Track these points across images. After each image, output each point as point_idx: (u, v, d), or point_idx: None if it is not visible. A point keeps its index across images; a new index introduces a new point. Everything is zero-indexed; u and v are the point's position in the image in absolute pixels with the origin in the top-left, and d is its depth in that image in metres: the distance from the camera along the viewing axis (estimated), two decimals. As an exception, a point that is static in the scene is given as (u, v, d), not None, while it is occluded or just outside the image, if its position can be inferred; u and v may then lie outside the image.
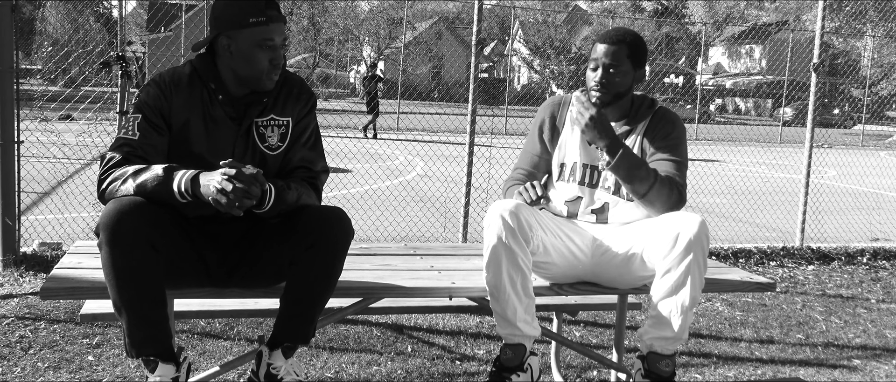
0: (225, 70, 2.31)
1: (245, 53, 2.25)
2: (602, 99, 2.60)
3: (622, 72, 2.58)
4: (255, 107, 2.34)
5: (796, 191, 6.92)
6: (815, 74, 6.54)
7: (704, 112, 30.23)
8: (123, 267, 2.07)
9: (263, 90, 2.32)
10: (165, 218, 2.18)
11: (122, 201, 2.09)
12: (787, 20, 35.33)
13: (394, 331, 3.99)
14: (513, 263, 2.38)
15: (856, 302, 5.14)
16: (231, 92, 2.32)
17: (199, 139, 2.30)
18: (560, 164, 2.73)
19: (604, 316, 4.41)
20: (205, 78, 2.31)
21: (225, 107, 2.32)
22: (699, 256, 2.36)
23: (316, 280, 2.25)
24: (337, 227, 2.24)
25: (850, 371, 3.78)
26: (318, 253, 2.22)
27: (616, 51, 2.57)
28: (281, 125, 2.38)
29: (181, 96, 2.29)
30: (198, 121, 2.30)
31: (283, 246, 2.29)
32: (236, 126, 2.33)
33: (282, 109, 2.39)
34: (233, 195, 2.04)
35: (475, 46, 5.52)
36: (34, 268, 4.90)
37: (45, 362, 3.36)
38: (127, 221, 2.05)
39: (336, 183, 9.51)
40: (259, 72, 2.27)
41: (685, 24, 41.79)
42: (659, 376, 2.46)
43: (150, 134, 2.25)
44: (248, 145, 2.34)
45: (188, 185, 2.09)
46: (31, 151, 6.51)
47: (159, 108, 2.27)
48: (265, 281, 2.39)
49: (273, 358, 2.31)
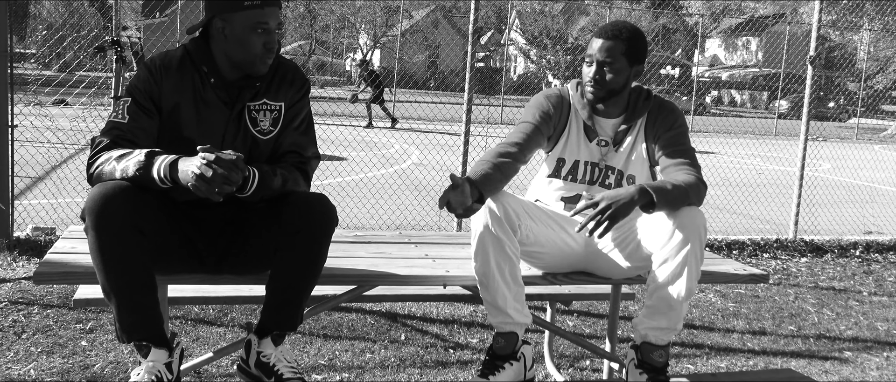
0: (219, 53, 2.30)
1: (239, 37, 2.24)
2: (596, 95, 2.57)
3: (617, 69, 2.53)
4: (247, 91, 2.33)
5: (790, 183, 6.94)
6: (811, 67, 6.55)
7: (700, 104, 30.25)
8: (110, 252, 2.06)
9: (257, 74, 2.31)
10: (152, 203, 2.16)
11: (106, 185, 2.08)
12: (784, 13, 35.31)
13: (388, 319, 4.00)
14: (500, 251, 2.37)
15: (848, 294, 5.17)
16: (224, 75, 2.31)
17: (189, 123, 2.29)
18: (559, 159, 2.70)
19: (597, 305, 4.43)
20: (197, 61, 2.30)
21: (217, 91, 2.31)
22: (697, 247, 2.36)
23: (300, 266, 2.25)
24: (320, 214, 2.23)
25: (841, 362, 3.80)
26: (302, 240, 2.21)
27: (611, 47, 2.52)
28: (273, 110, 2.38)
29: (172, 80, 2.28)
30: (188, 105, 2.29)
31: (268, 232, 2.28)
32: (228, 110, 2.32)
33: (275, 94, 2.38)
34: (212, 180, 2.02)
35: (472, 35, 5.51)
36: (27, 253, 4.89)
37: (38, 346, 3.36)
38: (111, 205, 2.04)
39: (331, 170, 9.49)
40: (253, 56, 2.26)
41: (682, 16, 41.75)
42: (652, 366, 2.46)
43: (140, 117, 2.24)
44: (239, 129, 2.33)
45: (167, 171, 2.08)
46: (25, 136, 6.49)
47: (149, 92, 2.26)
48: (254, 267, 2.39)
49: (262, 346, 2.30)
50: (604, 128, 2.65)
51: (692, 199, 2.42)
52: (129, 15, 28.19)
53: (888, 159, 16.57)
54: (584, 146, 2.66)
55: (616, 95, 2.59)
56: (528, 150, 2.58)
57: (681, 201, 2.38)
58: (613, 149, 2.65)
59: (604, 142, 2.65)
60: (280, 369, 2.27)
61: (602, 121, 2.65)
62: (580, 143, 2.66)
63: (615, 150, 2.65)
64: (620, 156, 2.64)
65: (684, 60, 41.48)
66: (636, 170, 2.64)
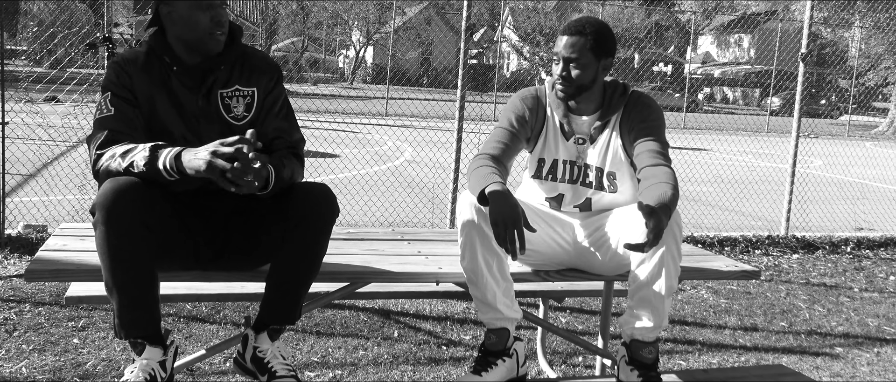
0: (174, 40, 2.33)
1: (185, 17, 2.27)
2: (565, 92, 2.56)
3: (583, 65, 2.51)
4: (211, 73, 2.35)
5: (782, 180, 6.97)
6: (802, 64, 6.57)
7: (692, 101, 30.31)
8: (118, 248, 2.06)
9: (212, 52, 2.32)
10: (159, 198, 2.18)
11: (118, 180, 2.09)
12: (776, 10, 35.40)
13: (380, 316, 4.00)
14: (487, 247, 2.38)
15: (839, 290, 5.19)
16: (185, 62, 2.34)
17: (167, 113, 2.32)
18: (539, 159, 2.69)
19: (590, 302, 4.44)
20: (159, 52, 2.34)
21: (182, 78, 2.33)
22: (672, 246, 2.36)
23: (300, 259, 2.26)
24: (324, 205, 2.25)
25: (832, 358, 3.83)
26: (303, 232, 2.22)
27: (576, 42, 2.50)
28: (246, 95, 2.40)
29: (141, 74, 2.32)
30: (162, 97, 2.32)
31: (272, 224, 2.29)
32: (194, 95, 2.34)
33: (247, 80, 2.41)
34: (231, 175, 2.04)
35: (465, 32, 5.51)
36: (19, 250, 4.87)
37: (29, 344, 3.35)
38: (123, 201, 2.05)
39: (324, 167, 9.48)
40: (202, 33, 2.28)
41: (675, 13, 41.83)
42: (642, 363, 2.47)
43: (123, 106, 2.27)
44: (212, 115, 2.34)
45: (173, 163, 2.10)
46: (16, 132, 6.47)
47: (124, 84, 2.30)
48: (253, 261, 2.39)
49: (259, 341, 2.31)
50: (579, 126, 2.63)
51: (677, 191, 2.43)
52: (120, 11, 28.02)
53: (879, 156, 16.64)
54: (561, 145, 2.65)
55: (586, 91, 2.56)
56: (510, 158, 2.60)
57: (675, 202, 2.38)
58: (590, 146, 2.64)
59: (581, 140, 2.63)
60: (274, 365, 2.28)
61: (577, 119, 2.63)
62: (557, 143, 2.65)
63: (592, 147, 2.63)
64: (597, 152, 2.62)
65: (677, 57, 41.56)
66: (616, 166, 2.62)
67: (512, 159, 2.61)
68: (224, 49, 2.35)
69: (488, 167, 2.44)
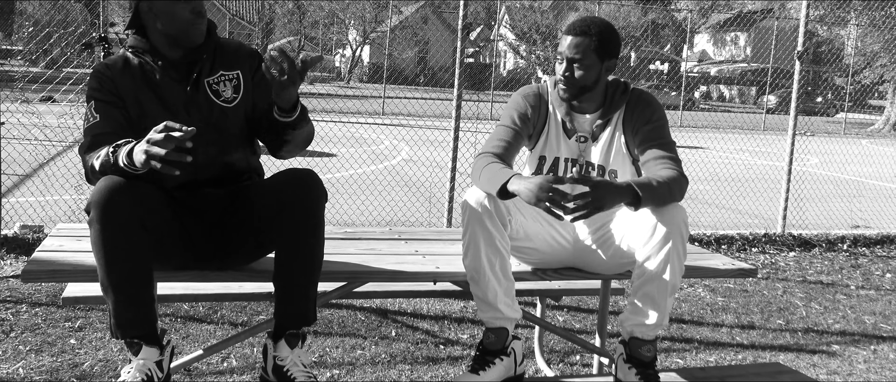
0: (156, 37, 2.34)
1: (166, 11, 2.28)
2: (568, 92, 2.56)
3: (587, 66, 2.50)
4: (196, 65, 2.36)
5: (779, 178, 6.98)
6: (798, 62, 6.58)
7: (689, 99, 30.33)
8: (113, 246, 2.06)
9: (195, 43, 2.34)
10: (155, 196, 2.18)
11: (112, 179, 2.09)
12: (772, 8, 35.43)
13: (378, 316, 4.00)
14: (491, 246, 2.38)
15: (836, 288, 5.20)
16: (168, 57, 2.35)
17: (152, 111, 2.32)
18: (540, 157, 2.69)
19: (587, 301, 4.44)
20: (140, 53, 2.35)
21: (168, 72, 2.34)
22: (678, 243, 2.36)
23: (298, 249, 2.24)
24: (311, 185, 2.26)
25: (829, 356, 3.83)
26: (294, 215, 2.22)
27: (580, 43, 2.49)
28: (232, 78, 2.42)
29: (122, 77, 2.33)
30: (148, 95, 2.33)
31: (263, 209, 2.29)
32: (182, 87, 2.34)
33: (229, 65, 2.43)
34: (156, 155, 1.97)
35: (461, 31, 5.51)
36: (15, 251, 4.86)
37: (26, 345, 3.34)
38: (117, 199, 2.05)
39: (321, 167, 9.48)
40: (185, 24, 2.29)
41: (671, 11, 41.85)
42: (640, 361, 2.47)
43: (108, 109, 2.29)
44: (201, 104, 2.35)
45: (126, 159, 2.09)
46: (12, 133, 6.45)
47: (108, 89, 2.32)
48: (248, 254, 2.39)
49: (278, 350, 2.28)
50: (581, 124, 2.64)
51: (675, 195, 2.41)
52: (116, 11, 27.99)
53: (875, 153, 16.68)
54: (563, 143, 2.65)
55: (589, 92, 2.56)
56: (513, 156, 2.60)
57: (665, 198, 2.37)
58: (592, 144, 2.64)
59: (582, 138, 2.64)
60: (293, 373, 2.25)
61: (579, 117, 2.64)
62: (559, 140, 2.65)
63: (594, 145, 2.64)
64: (599, 150, 2.62)
65: (673, 56, 41.59)
66: (618, 164, 2.62)
67: (515, 157, 2.61)
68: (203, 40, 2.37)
69: (498, 164, 2.45)
